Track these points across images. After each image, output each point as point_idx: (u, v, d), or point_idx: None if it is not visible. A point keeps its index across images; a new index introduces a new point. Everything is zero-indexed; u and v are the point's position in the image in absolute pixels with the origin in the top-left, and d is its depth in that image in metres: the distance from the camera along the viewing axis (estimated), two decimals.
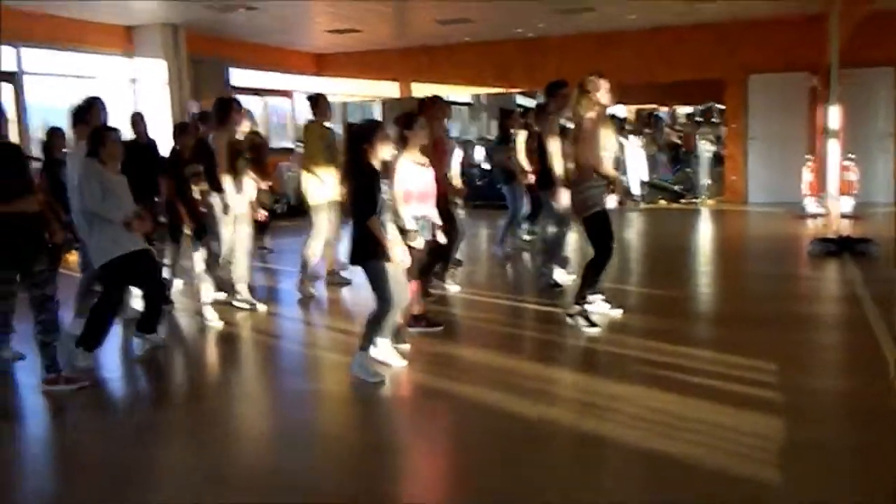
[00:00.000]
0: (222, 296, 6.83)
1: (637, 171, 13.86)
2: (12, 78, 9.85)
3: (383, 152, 4.72)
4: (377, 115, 16.36)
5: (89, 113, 6.14)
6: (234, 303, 6.73)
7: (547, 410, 4.24)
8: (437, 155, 6.49)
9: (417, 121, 5.59)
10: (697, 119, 18.95)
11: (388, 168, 4.94)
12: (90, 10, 10.12)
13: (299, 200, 7.89)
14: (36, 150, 8.18)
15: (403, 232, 5.04)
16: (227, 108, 6.41)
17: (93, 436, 4.30)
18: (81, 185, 5.25)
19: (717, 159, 14.79)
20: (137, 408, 4.83)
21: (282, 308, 7.06)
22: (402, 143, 5.37)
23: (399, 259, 4.72)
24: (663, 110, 19.70)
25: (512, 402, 4.35)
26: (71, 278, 6.33)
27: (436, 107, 6.94)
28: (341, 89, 15.75)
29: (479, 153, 15.60)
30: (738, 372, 4.65)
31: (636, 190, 13.64)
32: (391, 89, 15.59)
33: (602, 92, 5.73)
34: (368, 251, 4.63)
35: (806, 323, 5.95)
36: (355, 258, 4.76)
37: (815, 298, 6.81)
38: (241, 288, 6.71)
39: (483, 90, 15.89)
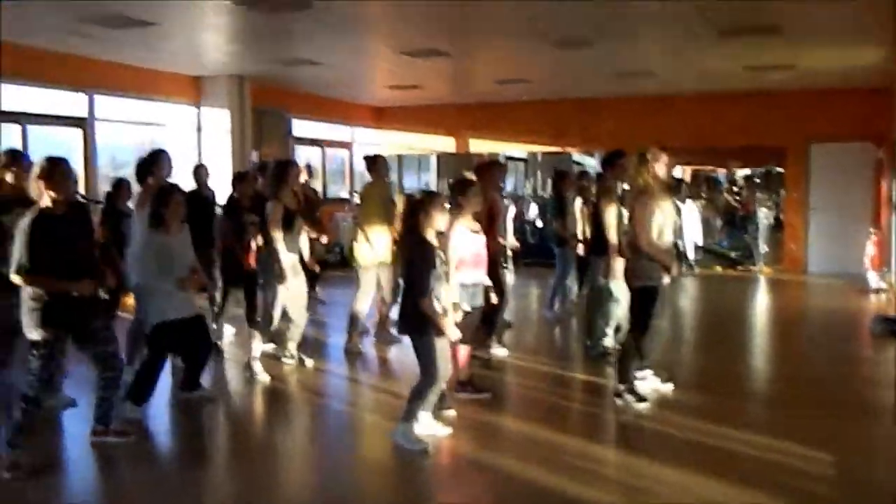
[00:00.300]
0: (271, 347, 6.90)
1: (692, 236, 13.68)
2: (83, 123, 10.23)
3: (439, 222, 4.74)
4: (433, 168, 16.59)
5: (155, 165, 6.34)
6: (283, 358, 6.77)
7: (587, 490, 4.14)
8: (490, 218, 6.52)
9: (472, 188, 5.63)
10: (756, 180, 18.73)
11: (442, 237, 4.96)
12: (162, 60, 10.50)
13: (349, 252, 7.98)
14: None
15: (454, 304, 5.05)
16: (284, 171, 6.51)
17: (137, 491, 4.33)
18: (141, 252, 5.43)
19: (777, 224, 14.55)
20: (180, 465, 4.86)
21: (329, 364, 7.07)
22: (457, 209, 5.40)
23: (452, 336, 4.70)
24: (720, 171, 19.54)
25: (552, 478, 4.27)
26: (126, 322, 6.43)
27: (492, 170, 6.98)
28: (398, 142, 16.00)
29: (533, 210, 15.62)
30: (792, 461, 4.50)
31: (691, 255, 13.44)
32: (447, 144, 15.77)
33: (661, 164, 5.70)
34: (418, 325, 4.62)
35: (866, 410, 5.69)
36: (404, 329, 4.76)
37: (877, 383, 6.54)
38: (291, 344, 6.75)
39: (539, 148, 15.95)
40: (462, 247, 5.40)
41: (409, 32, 8.81)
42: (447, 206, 4.95)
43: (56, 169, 4.59)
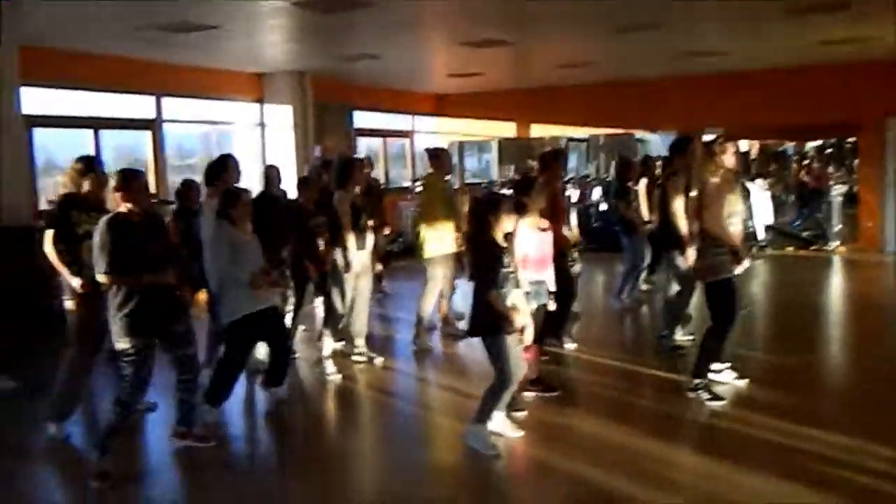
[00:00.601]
0: (341, 345, 7.00)
1: (762, 216, 13.30)
2: (152, 125, 10.48)
3: (507, 225, 4.71)
4: (494, 153, 16.50)
5: (223, 170, 6.45)
6: (353, 356, 6.86)
7: (659, 496, 4.10)
8: (555, 212, 6.45)
9: (535, 186, 5.56)
10: (827, 151, 18.03)
11: (509, 238, 4.92)
12: (224, 60, 10.66)
13: (414, 243, 8.02)
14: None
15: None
16: (349, 168, 6.57)
17: (218, 498, 4.45)
18: (212, 245, 5.51)
19: (850, 200, 14.03)
20: (258, 470, 4.97)
21: (398, 362, 7.11)
22: (521, 208, 5.34)
23: (527, 336, 4.68)
24: (789, 144, 18.89)
25: (624, 482, 4.25)
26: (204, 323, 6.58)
27: (557, 162, 6.91)
28: (459, 128, 15.97)
29: (596, 193, 15.40)
30: (876, 464, 4.35)
31: (761, 235, 13.08)
32: (508, 129, 15.66)
33: (728, 155, 5.57)
34: (488, 325, 4.61)
35: None
36: (475, 331, 4.76)
37: None
38: (360, 341, 6.83)
39: (601, 131, 15.72)
40: (527, 246, 5.36)
41: (468, 24, 8.75)
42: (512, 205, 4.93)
43: (132, 181, 4.72)
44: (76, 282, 5.10)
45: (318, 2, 7.21)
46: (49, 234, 5.24)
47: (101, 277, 4.49)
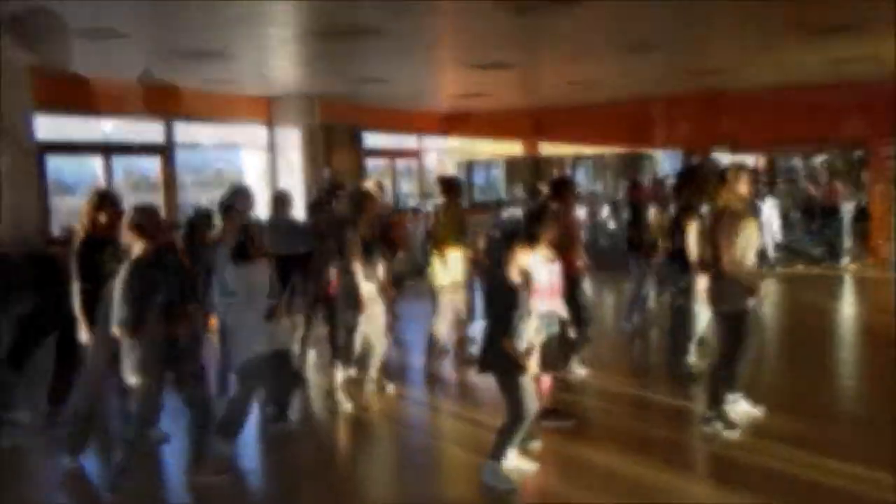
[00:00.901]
0: (353, 372, 6.98)
1: (772, 234, 13.26)
2: (163, 150, 10.53)
3: (523, 261, 4.72)
4: (501, 173, 16.54)
5: (237, 201, 6.47)
6: (365, 383, 6.85)
7: None
8: (568, 241, 6.44)
9: (547, 218, 5.51)
10: (834, 165, 17.91)
11: (525, 274, 4.89)
12: (235, 85, 10.72)
13: (424, 267, 8.04)
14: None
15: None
16: (362, 202, 6.57)
17: None
18: (226, 284, 5.55)
19: (860, 215, 13.95)
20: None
21: (410, 389, 7.10)
22: (532, 239, 5.31)
23: (535, 371, 4.68)
24: (797, 159, 18.81)
25: None
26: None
27: (569, 192, 6.92)
28: (466, 147, 16.00)
29: (605, 211, 15.40)
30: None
31: (770, 253, 13.04)
32: (516, 147, 15.70)
33: (742, 183, 5.56)
34: (502, 364, 4.61)
35: None
36: (487, 367, 4.75)
37: None
38: (373, 370, 6.82)
39: (608, 149, 15.72)
40: (537, 276, 5.35)
41: (476, 47, 8.79)
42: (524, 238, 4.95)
43: (146, 219, 4.77)
44: (85, 337, 5.20)
45: (327, 31, 7.26)
46: (77, 287, 5.32)
47: (117, 330, 4.54)
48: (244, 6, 6.31)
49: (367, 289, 6.42)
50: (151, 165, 10.71)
